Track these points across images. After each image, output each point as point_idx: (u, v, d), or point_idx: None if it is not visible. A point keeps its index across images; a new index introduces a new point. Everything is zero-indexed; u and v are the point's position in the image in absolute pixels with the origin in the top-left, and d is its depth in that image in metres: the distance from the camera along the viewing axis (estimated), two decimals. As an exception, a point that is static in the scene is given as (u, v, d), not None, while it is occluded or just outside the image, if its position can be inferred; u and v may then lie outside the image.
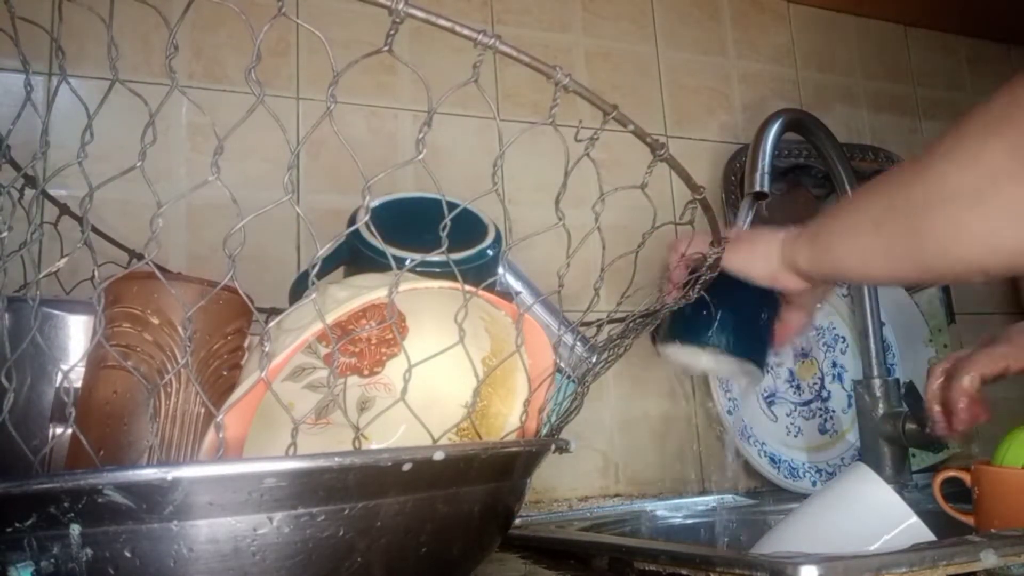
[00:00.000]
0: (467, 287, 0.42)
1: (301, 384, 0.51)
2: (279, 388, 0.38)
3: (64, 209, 0.68)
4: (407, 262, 0.42)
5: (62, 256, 0.56)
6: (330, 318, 0.39)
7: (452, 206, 0.63)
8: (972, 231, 0.50)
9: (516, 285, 0.75)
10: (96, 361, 0.47)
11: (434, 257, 0.51)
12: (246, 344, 0.50)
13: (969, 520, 0.71)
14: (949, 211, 0.51)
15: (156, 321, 0.46)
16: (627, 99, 1.06)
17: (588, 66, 1.05)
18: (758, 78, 1.15)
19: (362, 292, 0.42)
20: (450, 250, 0.39)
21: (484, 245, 0.64)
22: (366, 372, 0.52)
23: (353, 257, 0.63)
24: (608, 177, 0.45)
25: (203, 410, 0.45)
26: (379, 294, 0.41)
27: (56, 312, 0.54)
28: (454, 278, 0.42)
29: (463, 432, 0.49)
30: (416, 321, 0.49)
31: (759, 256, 0.69)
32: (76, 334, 0.55)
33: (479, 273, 0.61)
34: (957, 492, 0.74)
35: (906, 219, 0.54)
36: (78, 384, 0.47)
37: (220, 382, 0.48)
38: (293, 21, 0.34)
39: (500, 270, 0.66)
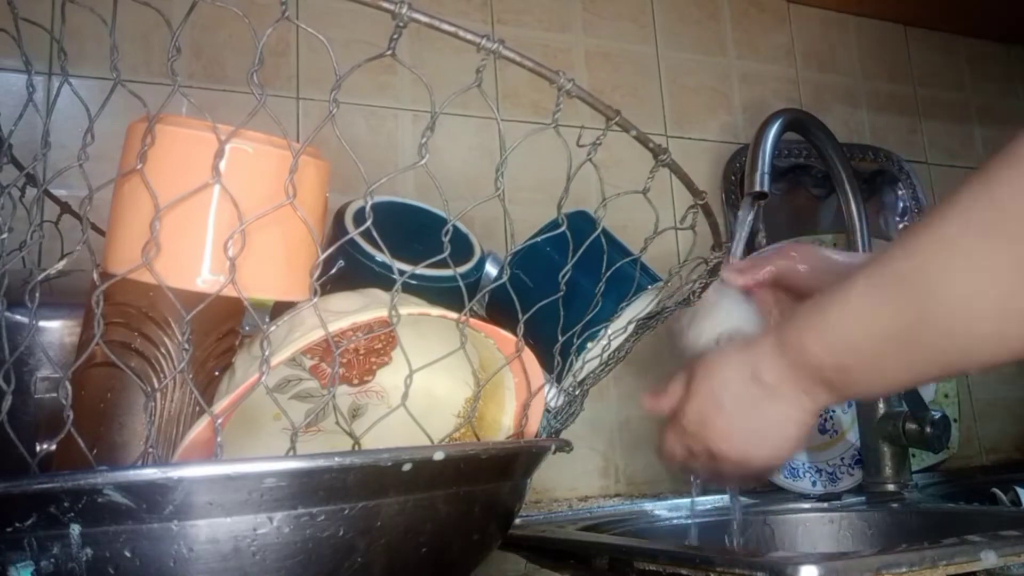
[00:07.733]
0: (463, 302, 0.42)
1: (288, 395, 0.52)
2: (265, 400, 0.38)
3: (65, 207, 0.68)
4: (397, 272, 0.41)
5: (62, 254, 0.56)
6: (310, 337, 0.39)
7: (436, 216, 0.63)
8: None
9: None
10: (87, 359, 0.46)
11: (439, 273, 0.51)
12: (237, 343, 0.50)
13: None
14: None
15: (151, 319, 0.45)
16: (627, 99, 1.06)
17: (588, 66, 1.05)
18: (758, 78, 1.15)
19: (347, 315, 0.41)
20: (438, 265, 0.39)
21: (475, 260, 0.61)
22: (356, 381, 0.53)
23: (347, 261, 0.63)
24: (608, 177, 0.45)
25: (197, 409, 0.45)
26: (374, 315, 0.41)
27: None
28: (441, 292, 0.42)
29: (457, 439, 0.50)
30: (403, 334, 0.50)
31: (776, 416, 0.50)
32: (49, 341, 0.54)
33: (469, 289, 0.59)
34: (957, 492, 0.74)
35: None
36: (55, 393, 0.46)
37: (214, 383, 0.48)
38: (294, 23, 0.34)
39: (492, 270, 0.65)
